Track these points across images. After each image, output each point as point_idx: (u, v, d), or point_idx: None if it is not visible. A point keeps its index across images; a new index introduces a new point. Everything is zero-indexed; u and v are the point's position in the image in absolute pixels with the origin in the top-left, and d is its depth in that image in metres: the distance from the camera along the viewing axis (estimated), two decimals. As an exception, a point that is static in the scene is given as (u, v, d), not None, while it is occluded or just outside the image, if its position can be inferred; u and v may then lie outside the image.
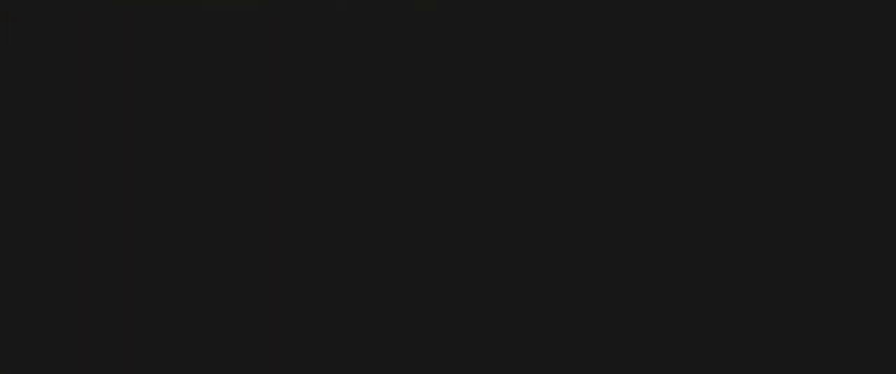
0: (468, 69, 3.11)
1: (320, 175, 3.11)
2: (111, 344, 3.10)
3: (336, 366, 3.09)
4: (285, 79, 3.12)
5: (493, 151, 3.10)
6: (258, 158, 3.11)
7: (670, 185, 3.07)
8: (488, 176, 3.09)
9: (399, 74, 3.11)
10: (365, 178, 3.11)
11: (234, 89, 3.12)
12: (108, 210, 3.11)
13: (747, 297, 3.05)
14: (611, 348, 3.07)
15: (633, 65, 3.08)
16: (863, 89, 3.05)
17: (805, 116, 3.06)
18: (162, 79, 3.13)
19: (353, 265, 3.10)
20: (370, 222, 3.10)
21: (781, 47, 3.07)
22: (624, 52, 3.08)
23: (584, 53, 3.09)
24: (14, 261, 3.11)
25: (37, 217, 3.11)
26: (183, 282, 3.11)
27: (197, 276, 3.11)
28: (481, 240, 3.09)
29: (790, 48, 3.07)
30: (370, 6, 3.11)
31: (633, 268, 3.07)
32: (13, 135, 3.13)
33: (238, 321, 3.10)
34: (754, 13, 3.07)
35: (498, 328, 3.08)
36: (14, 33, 3.14)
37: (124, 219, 3.11)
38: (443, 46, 3.11)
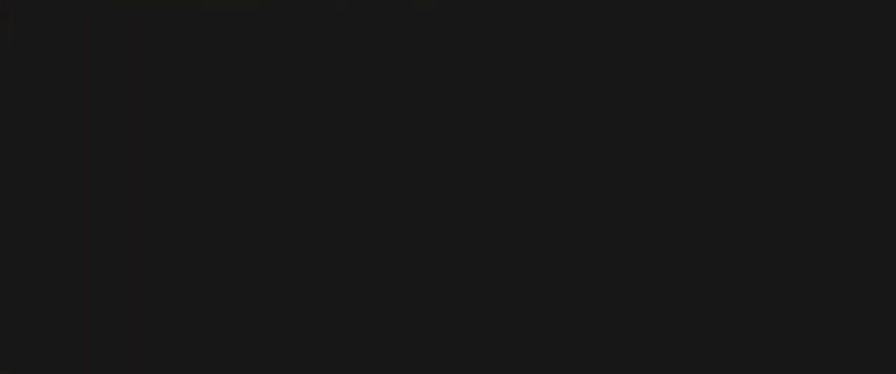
0: (468, 69, 3.11)
1: (320, 175, 3.11)
2: (111, 344, 3.10)
3: (336, 366, 3.09)
4: (285, 79, 3.12)
5: (493, 151, 3.10)
6: (258, 158, 3.12)
7: (670, 185, 3.07)
8: (488, 176, 3.09)
9: (399, 73, 3.12)
10: (365, 178, 3.11)
11: (234, 89, 3.12)
12: (108, 210, 3.11)
13: (747, 297, 3.05)
14: (611, 348, 3.07)
15: (633, 65, 3.09)
16: (863, 89, 3.06)
17: (805, 116, 3.06)
18: (162, 79, 3.13)
19: (354, 265, 3.10)
20: (370, 222, 3.10)
21: (781, 47, 3.07)
22: (624, 52, 3.09)
23: (585, 53, 3.09)
24: (14, 261, 3.12)
25: (37, 217, 3.11)
26: (183, 282, 3.11)
27: (197, 276, 3.11)
28: (481, 240, 3.09)
29: (790, 48, 3.07)
30: (370, 6, 3.11)
31: (633, 268, 3.07)
32: (13, 135, 3.13)
33: (238, 321, 3.10)
34: (754, 13, 3.07)
35: (498, 328, 3.08)
36: (14, 33, 3.14)
37: (124, 219, 3.11)
38: (443, 46, 3.11)
